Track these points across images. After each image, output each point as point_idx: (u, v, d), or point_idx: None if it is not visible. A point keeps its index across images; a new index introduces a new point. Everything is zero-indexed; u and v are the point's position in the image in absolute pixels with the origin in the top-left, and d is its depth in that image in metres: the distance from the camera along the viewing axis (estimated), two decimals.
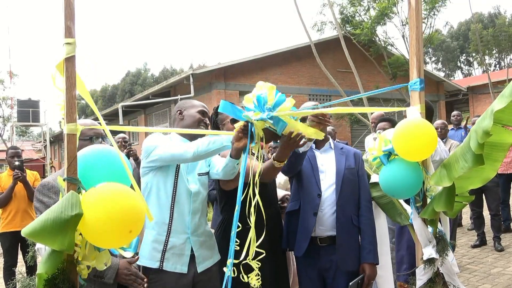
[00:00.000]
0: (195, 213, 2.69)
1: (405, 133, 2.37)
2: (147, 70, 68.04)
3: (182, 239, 2.62)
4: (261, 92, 2.19)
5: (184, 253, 2.62)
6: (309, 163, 2.97)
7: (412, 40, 2.55)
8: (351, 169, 3.00)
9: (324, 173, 2.98)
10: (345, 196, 2.92)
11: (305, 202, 2.94)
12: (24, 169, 5.72)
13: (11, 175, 5.64)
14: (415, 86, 2.53)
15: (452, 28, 55.18)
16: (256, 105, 2.19)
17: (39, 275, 1.65)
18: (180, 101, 3.02)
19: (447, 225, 2.68)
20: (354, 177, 2.99)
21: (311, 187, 2.92)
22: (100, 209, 1.65)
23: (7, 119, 35.73)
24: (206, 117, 2.88)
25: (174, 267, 2.59)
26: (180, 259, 2.61)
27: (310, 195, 2.92)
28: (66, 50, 1.77)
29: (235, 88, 17.64)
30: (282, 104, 2.18)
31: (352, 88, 18.53)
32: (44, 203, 2.31)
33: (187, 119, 2.83)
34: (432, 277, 2.51)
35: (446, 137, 6.53)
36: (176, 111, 2.90)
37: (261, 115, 2.17)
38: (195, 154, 2.42)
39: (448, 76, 52.01)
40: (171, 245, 2.60)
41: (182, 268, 2.61)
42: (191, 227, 2.65)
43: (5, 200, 5.64)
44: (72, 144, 1.79)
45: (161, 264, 2.58)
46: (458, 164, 2.20)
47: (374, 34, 18.04)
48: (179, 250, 2.61)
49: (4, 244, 5.79)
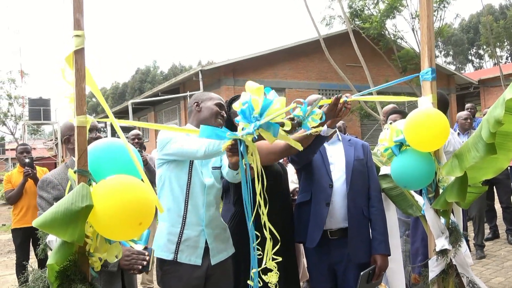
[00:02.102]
0: (209, 206, 2.71)
1: (416, 123, 2.34)
2: (156, 68, 68.34)
3: (197, 232, 2.64)
4: (246, 98, 2.04)
5: (199, 246, 2.64)
6: (319, 155, 2.94)
7: (423, 29, 2.52)
8: (360, 160, 2.97)
9: (333, 165, 2.96)
10: (356, 187, 2.90)
11: (316, 193, 2.91)
12: (34, 166, 5.77)
13: (22, 172, 5.71)
14: (426, 75, 2.51)
15: (463, 20, 54.63)
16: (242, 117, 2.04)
17: (50, 266, 1.66)
18: (197, 93, 3.02)
19: (460, 216, 2.65)
20: (363, 168, 2.97)
21: (322, 178, 2.90)
22: (110, 201, 1.65)
23: (18, 118, 36.09)
24: (223, 109, 2.87)
25: (188, 259, 2.61)
26: (194, 251, 2.63)
27: (322, 185, 2.90)
28: (75, 42, 1.77)
29: (244, 84, 17.52)
30: (269, 108, 1.99)
31: (361, 83, 18.41)
32: (43, 198, 2.45)
33: (204, 111, 2.83)
34: (445, 268, 2.49)
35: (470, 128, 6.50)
36: (193, 103, 2.89)
37: (248, 129, 1.99)
38: (206, 153, 2.40)
39: (459, 69, 51.54)
40: (186, 237, 2.62)
41: (196, 260, 2.63)
42: (205, 219, 2.67)
43: (16, 197, 5.71)
44: (82, 136, 1.79)
45: (175, 256, 2.60)
46: (470, 153, 2.17)
47: (384, 28, 17.90)
48: (193, 242, 2.63)
49: (16, 240, 5.86)
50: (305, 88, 18.20)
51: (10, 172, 6.19)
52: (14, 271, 7.26)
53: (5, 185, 5.97)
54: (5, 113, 37.56)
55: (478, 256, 6.23)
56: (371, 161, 3.05)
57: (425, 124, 2.32)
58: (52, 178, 2.51)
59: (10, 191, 5.81)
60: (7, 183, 5.91)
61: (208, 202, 2.70)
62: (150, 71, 66.32)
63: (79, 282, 1.69)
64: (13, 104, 36.98)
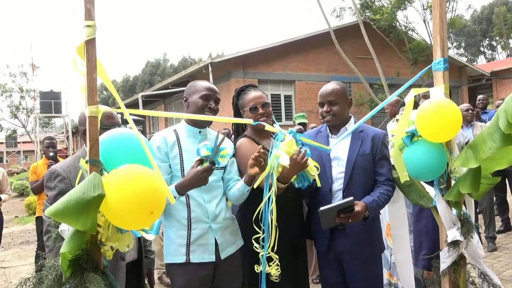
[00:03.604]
0: (212, 201, 2.66)
1: (429, 114, 2.32)
2: (166, 61, 68.48)
3: (204, 229, 2.60)
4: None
5: (208, 242, 2.61)
6: (320, 157, 2.83)
7: (436, 18, 2.49)
8: (366, 155, 2.79)
9: (336, 160, 2.83)
10: (355, 184, 2.76)
11: (318, 199, 2.82)
12: (58, 159, 6.03)
13: (47, 163, 5.97)
14: (438, 65, 2.48)
15: (475, 11, 53.92)
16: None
17: (63, 255, 1.67)
18: (187, 85, 2.86)
19: (472, 207, 2.63)
20: (368, 163, 2.80)
21: (323, 183, 2.73)
22: (121, 190, 1.67)
23: (30, 111, 36.44)
24: (211, 100, 2.71)
25: (201, 257, 2.58)
26: (206, 248, 2.59)
27: (323, 191, 2.80)
28: (86, 32, 1.78)
29: (254, 76, 17.57)
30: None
31: (372, 75, 18.30)
32: (50, 188, 2.50)
33: (191, 106, 2.72)
34: (457, 259, 2.47)
35: (473, 120, 6.40)
36: (183, 98, 2.80)
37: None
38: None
39: (471, 61, 50.96)
40: (195, 237, 2.58)
41: (210, 257, 2.60)
42: (210, 215, 2.62)
43: (40, 188, 5.84)
44: (94, 126, 1.80)
45: (187, 258, 2.56)
46: (486, 144, 2.14)
47: (395, 19, 17.74)
48: (203, 240, 2.59)
49: (39, 227, 6.02)
50: (315, 80, 18.10)
51: (36, 163, 6.43)
52: (26, 262, 7.43)
53: (31, 176, 6.25)
54: (17, 106, 37.97)
55: (490, 249, 6.17)
56: (382, 153, 2.82)
57: (438, 115, 2.29)
58: (60, 170, 2.50)
59: (34, 182, 6.03)
60: (32, 174, 6.17)
61: (208, 199, 2.65)
62: (160, 64, 66.44)
63: (92, 271, 1.71)
64: (25, 97, 37.38)
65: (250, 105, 2.87)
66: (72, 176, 2.48)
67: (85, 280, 1.67)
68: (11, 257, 8.04)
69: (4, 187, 6.22)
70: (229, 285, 2.72)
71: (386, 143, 2.92)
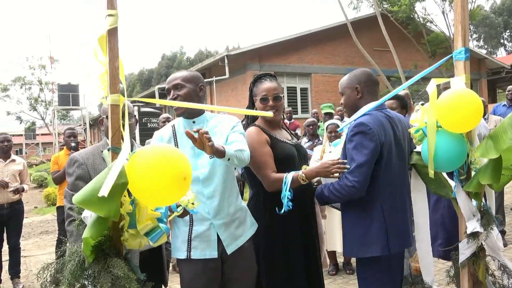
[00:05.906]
0: (212, 197, 2.58)
1: (449, 104, 2.30)
2: (182, 53, 68.69)
3: (206, 226, 2.57)
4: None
5: (211, 239, 2.58)
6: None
7: (457, 7, 2.46)
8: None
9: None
10: None
11: None
12: (79, 149, 6.02)
13: (68, 154, 6.00)
14: (459, 55, 2.46)
15: (495, 3, 52.99)
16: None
17: (85, 240, 1.70)
18: None
19: (492, 199, 2.61)
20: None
21: None
22: (152, 161, 1.69)
23: (48, 103, 36.90)
24: (170, 92, 2.65)
25: (203, 254, 2.56)
26: (208, 245, 2.57)
27: None
28: (109, 21, 1.79)
29: (269, 69, 17.49)
30: None
31: (389, 67, 18.11)
32: (69, 174, 2.63)
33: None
34: (476, 251, 2.45)
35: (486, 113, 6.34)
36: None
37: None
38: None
39: (490, 53, 50.09)
40: (196, 234, 2.56)
41: (212, 253, 2.57)
42: (211, 212, 2.57)
43: (61, 178, 5.94)
44: (116, 114, 1.83)
45: (188, 254, 2.56)
46: (507, 134, 2.13)
47: (413, 11, 17.53)
48: (205, 237, 2.57)
49: (60, 217, 6.10)
50: (332, 73, 17.99)
51: (57, 154, 6.47)
52: (46, 251, 7.56)
53: (52, 166, 6.30)
54: (35, 98, 38.48)
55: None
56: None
57: (458, 105, 2.27)
58: (78, 157, 2.63)
59: (55, 172, 6.09)
60: (54, 164, 6.22)
61: (208, 194, 2.58)
62: (176, 57, 66.69)
63: (114, 256, 1.74)
64: (44, 90, 37.85)
65: (262, 95, 2.85)
66: (90, 162, 2.57)
67: (109, 265, 1.70)
68: (31, 247, 8.19)
69: (25, 177, 6.31)
70: (240, 279, 2.69)
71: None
